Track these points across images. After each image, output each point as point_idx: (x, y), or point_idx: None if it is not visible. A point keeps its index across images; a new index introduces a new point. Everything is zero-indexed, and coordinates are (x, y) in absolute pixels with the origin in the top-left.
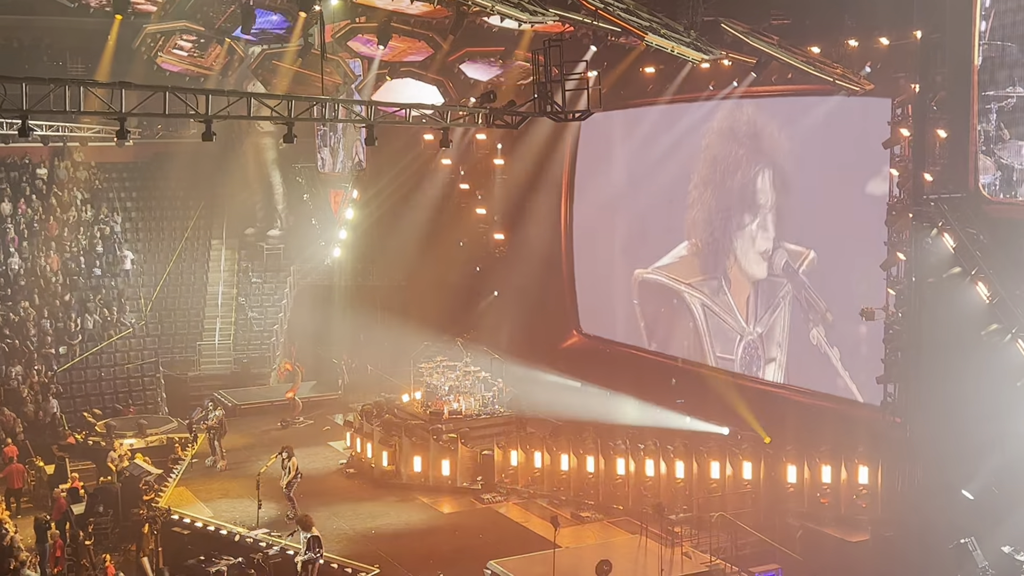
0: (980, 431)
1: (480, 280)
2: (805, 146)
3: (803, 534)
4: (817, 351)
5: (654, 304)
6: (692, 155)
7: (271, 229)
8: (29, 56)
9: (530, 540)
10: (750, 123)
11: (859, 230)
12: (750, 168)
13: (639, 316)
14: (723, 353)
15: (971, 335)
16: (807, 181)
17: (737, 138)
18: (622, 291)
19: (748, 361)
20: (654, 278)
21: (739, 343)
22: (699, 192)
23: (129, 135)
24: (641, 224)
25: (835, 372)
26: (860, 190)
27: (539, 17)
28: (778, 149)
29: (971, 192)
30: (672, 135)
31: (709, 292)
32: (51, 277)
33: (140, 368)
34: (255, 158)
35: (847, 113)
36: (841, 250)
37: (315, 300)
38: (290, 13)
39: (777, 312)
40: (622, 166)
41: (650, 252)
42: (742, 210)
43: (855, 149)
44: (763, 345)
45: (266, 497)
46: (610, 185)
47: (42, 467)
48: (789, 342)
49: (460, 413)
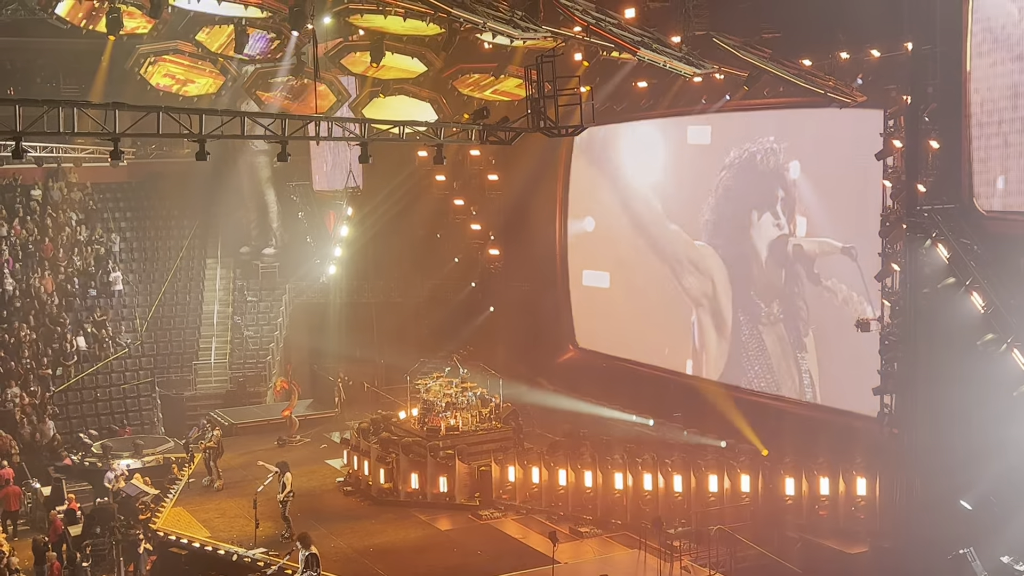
0: (977, 441)
1: (476, 296)
2: (800, 157)
3: (802, 546)
4: (813, 363)
5: (650, 317)
6: (684, 169)
7: (266, 247)
8: (22, 78)
9: (529, 556)
10: (744, 136)
11: (854, 241)
12: (745, 178)
13: (635, 329)
14: (718, 366)
15: (967, 345)
16: (802, 192)
17: (731, 151)
18: (617, 305)
19: (743, 374)
20: (649, 290)
21: (733, 355)
22: (694, 204)
23: (123, 155)
24: (635, 237)
25: (831, 383)
26: (853, 201)
27: (531, 33)
28: (774, 161)
29: (964, 203)
30: (664, 148)
31: (704, 303)
32: (46, 298)
33: (136, 388)
34: (249, 177)
35: (839, 125)
36: (837, 261)
37: (311, 318)
38: (282, 32)
39: (772, 324)
40: (615, 179)
41: (645, 265)
42: (738, 221)
43: (847, 161)
44: (759, 357)
45: (263, 516)
46: (604, 198)
47: (39, 489)
48: (784, 354)
49: (457, 429)
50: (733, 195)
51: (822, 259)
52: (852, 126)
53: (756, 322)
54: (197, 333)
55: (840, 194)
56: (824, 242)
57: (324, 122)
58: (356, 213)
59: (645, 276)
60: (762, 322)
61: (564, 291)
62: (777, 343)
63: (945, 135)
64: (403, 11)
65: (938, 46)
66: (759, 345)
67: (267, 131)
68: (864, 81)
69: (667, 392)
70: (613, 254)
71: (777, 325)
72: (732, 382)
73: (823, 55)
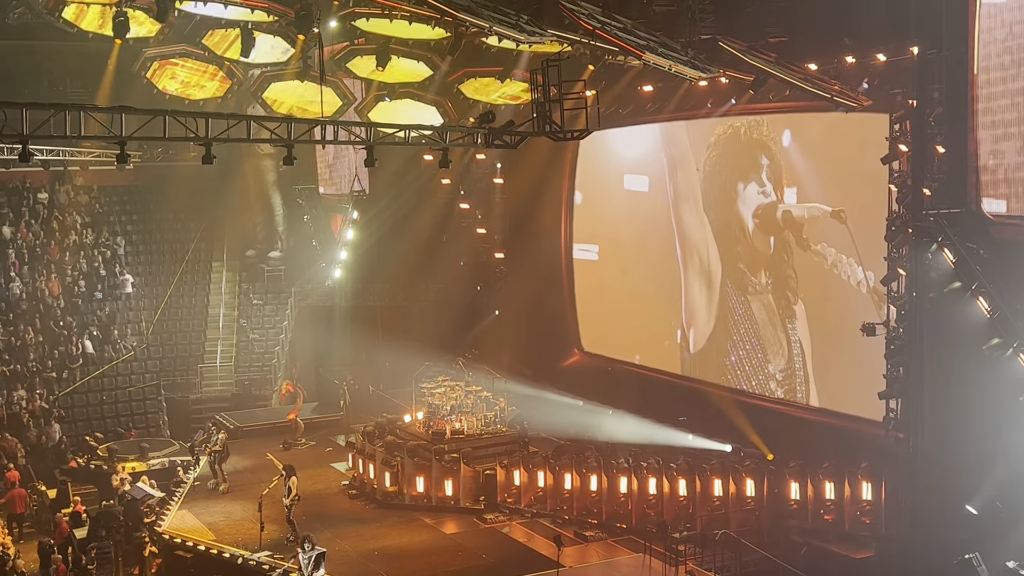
0: (983, 446)
1: (481, 299)
2: (804, 161)
3: (807, 551)
4: (818, 367)
5: (655, 321)
6: (690, 171)
7: (272, 251)
8: (29, 81)
9: (534, 560)
10: (749, 139)
11: (859, 245)
12: (748, 182)
13: (640, 334)
14: (725, 370)
15: (972, 350)
16: (805, 196)
17: (737, 154)
18: (623, 308)
19: (751, 377)
20: (655, 293)
21: (740, 359)
22: (699, 207)
23: (129, 159)
24: (641, 241)
25: (837, 388)
26: (858, 206)
27: (536, 37)
28: (779, 164)
29: (970, 207)
30: (670, 152)
31: (708, 307)
32: (52, 301)
33: (142, 391)
34: (255, 180)
35: (845, 129)
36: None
37: (316, 321)
38: (289, 36)
39: (777, 328)
40: (621, 182)
41: (651, 269)
42: (741, 224)
43: (853, 165)
44: (764, 360)
45: (268, 519)
46: (609, 202)
47: (44, 492)
48: (790, 357)
49: (462, 433)
50: (740, 196)
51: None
52: (857, 130)
53: (763, 324)
54: (203, 336)
55: (845, 197)
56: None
57: (330, 126)
58: (362, 216)
59: (650, 279)
60: (767, 325)
61: (570, 295)
62: (783, 346)
63: (951, 139)
64: (409, 15)
65: (944, 50)
66: (765, 348)
67: (273, 135)
68: (870, 85)
69: (672, 396)
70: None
71: (783, 329)
72: (739, 386)
73: (829, 59)
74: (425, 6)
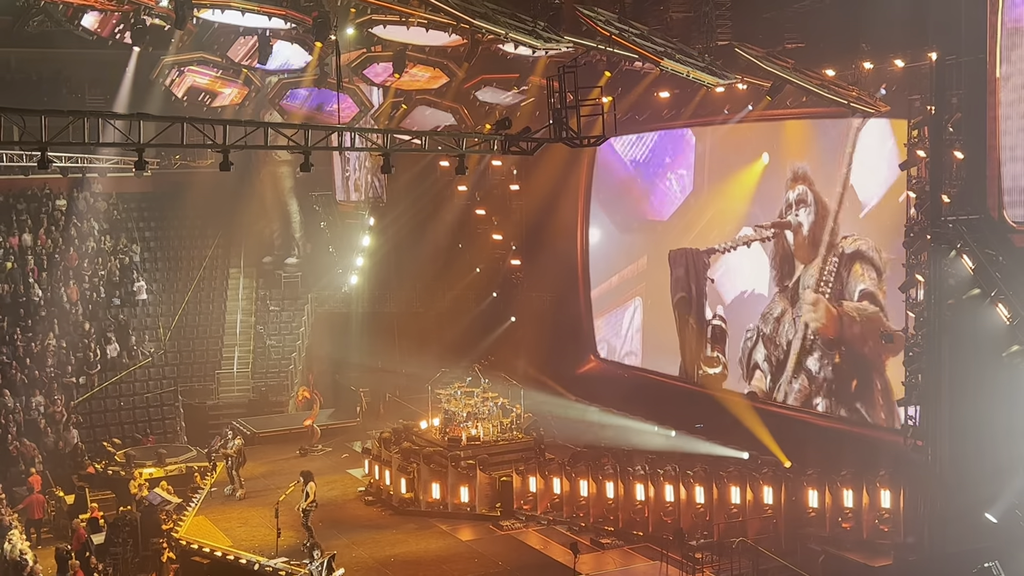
0: (1002, 453)
1: (497, 306)
2: (824, 167)
3: (825, 559)
4: (837, 374)
5: (672, 328)
6: (708, 177)
7: (289, 257)
8: (48, 88)
9: (550, 567)
10: (766, 145)
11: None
12: (768, 189)
13: (655, 340)
14: (742, 377)
15: (992, 356)
16: (824, 203)
17: (754, 159)
18: (639, 315)
19: (766, 384)
20: (671, 301)
21: (758, 366)
22: (716, 214)
23: (147, 166)
24: (657, 247)
25: (856, 395)
26: (878, 211)
27: (553, 44)
28: (798, 170)
29: (989, 213)
30: (687, 158)
31: (725, 314)
32: (70, 307)
33: (159, 397)
34: (272, 187)
35: (864, 135)
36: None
37: (333, 327)
38: (306, 43)
39: (794, 335)
40: (637, 189)
41: (666, 276)
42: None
43: (871, 170)
44: (782, 368)
45: (285, 526)
46: (626, 208)
47: (62, 497)
48: (807, 365)
49: (478, 440)
50: (759, 204)
51: (842, 271)
52: (876, 136)
53: (781, 330)
54: (220, 342)
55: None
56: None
57: (347, 132)
58: (378, 223)
59: (666, 286)
60: (784, 332)
61: (586, 301)
62: (800, 354)
63: (969, 145)
64: (426, 22)
65: (963, 56)
66: (783, 355)
67: (291, 141)
68: (888, 91)
69: (689, 403)
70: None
71: (800, 335)
72: (755, 392)
73: (846, 65)
74: (442, 13)
